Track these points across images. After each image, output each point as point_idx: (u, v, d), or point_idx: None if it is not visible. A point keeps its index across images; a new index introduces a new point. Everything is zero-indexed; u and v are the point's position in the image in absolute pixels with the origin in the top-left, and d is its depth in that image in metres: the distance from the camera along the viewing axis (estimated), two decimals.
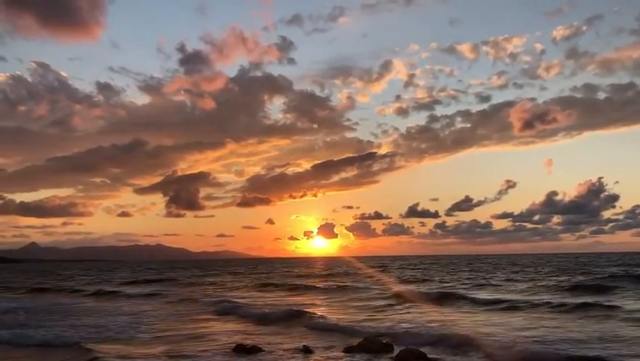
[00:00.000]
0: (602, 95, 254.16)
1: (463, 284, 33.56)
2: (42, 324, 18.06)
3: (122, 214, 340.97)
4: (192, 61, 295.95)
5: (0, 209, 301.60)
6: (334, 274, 53.91)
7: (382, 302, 22.61)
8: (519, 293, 26.32)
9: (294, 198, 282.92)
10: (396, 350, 11.31)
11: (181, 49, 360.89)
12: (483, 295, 25.19)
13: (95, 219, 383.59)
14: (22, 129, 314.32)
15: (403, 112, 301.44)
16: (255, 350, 12.16)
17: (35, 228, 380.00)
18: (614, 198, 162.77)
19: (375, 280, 40.85)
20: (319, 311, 19.54)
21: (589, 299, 20.40)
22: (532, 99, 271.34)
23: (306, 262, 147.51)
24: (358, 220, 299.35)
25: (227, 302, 21.48)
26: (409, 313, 18.84)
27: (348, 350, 11.89)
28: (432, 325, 15.03)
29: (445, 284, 34.20)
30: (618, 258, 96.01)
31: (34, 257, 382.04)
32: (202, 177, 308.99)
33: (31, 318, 19.95)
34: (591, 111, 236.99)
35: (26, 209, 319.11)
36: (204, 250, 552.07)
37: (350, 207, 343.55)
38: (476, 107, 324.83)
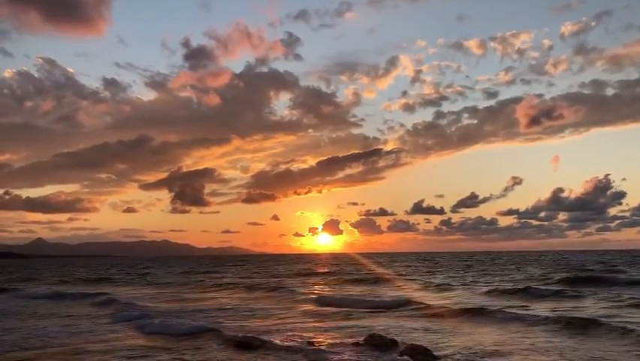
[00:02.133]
0: (610, 92, 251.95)
1: (422, 285, 32.29)
2: None
3: (127, 210, 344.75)
4: (197, 56, 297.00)
5: (6, 204, 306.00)
6: (303, 273, 53.37)
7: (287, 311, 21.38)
8: (465, 297, 25.18)
9: (299, 194, 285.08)
10: (401, 346, 11.53)
11: (185, 44, 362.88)
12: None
13: (100, 215, 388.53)
14: (29, 125, 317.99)
15: (409, 108, 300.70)
16: (256, 344, 12.31)
17: (41, 223, 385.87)
18: (620, 195, 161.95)
19: (329, 280, 40.24)
20: (228, 318, 18.59)
21: (505, 304, 19.92)
22: (540, 95, 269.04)
23: (304, 258, 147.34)
24: (363, 217, 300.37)
25: (127, 310, 20.36)
26: (293, 321, 17.68)
27: (355, 344, 12.13)
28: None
29: (399, 285, 33.08)
30: (614, 256, 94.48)
31: (41, 252, 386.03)
32: (207, 174, 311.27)
33: None
34: (599, 107, 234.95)
35: (32, 204, 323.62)
36: (209, 246, 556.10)
37: (355, 204, 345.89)
38: (483, 104, 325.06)
